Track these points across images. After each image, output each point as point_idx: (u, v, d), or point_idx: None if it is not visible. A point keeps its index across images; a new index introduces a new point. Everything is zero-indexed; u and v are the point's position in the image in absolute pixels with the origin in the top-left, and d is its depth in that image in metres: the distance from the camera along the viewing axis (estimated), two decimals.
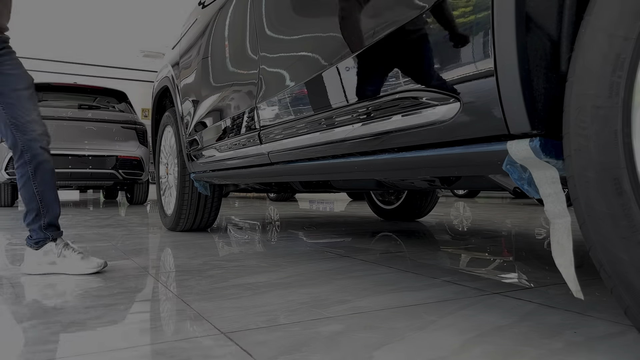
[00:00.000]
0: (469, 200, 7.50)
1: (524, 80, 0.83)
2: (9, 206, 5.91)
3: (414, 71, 1.10)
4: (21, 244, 2.41)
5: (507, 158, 0.92)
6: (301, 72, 1.56)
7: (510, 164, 0.92)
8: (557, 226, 0.84)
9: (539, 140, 0.85)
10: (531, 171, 0.90)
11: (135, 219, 4.10)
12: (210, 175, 2.55)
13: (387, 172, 1.31)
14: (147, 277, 1.59)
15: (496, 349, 0.87)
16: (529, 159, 0.87)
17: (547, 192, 0.87)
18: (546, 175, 0.87)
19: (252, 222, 3.72)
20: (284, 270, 1.66)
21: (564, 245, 0.83)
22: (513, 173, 0.92)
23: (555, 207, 0.85)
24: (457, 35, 0.96)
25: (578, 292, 0.82)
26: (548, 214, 0.86)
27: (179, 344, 0.92)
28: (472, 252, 2.07)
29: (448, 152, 1.06)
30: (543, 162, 0.86)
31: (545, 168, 0.87)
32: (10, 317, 1.11)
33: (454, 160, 1.05)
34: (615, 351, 0.86)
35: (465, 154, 1.01)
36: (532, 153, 0.85)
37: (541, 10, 0.83)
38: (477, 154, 0.99)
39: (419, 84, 1.08)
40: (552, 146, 0.86)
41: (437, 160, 1.10)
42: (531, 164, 0.88)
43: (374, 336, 0.95)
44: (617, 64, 0.68)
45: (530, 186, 0.91)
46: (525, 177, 0.91)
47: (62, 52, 12.35)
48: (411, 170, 1.22)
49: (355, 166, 1.39)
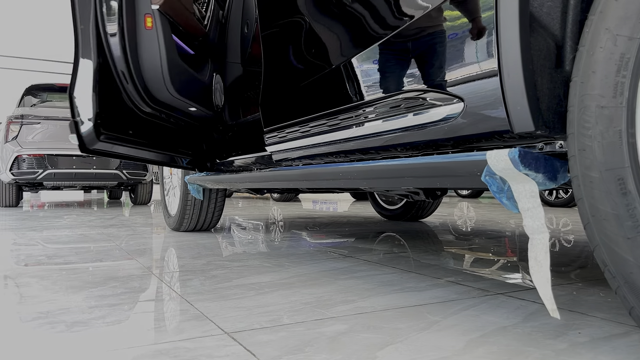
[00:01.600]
0: (473, 201, 7.49)
1: (528, 80, 0.83)
2: (13, 206, 5.94)
3: (417, 71, 1.10)
4: (26, 244, 2.42)
5: (486, 168, 0.90)
6: (303, 72, 1.56)
7: (490, 175, 0.90)
8: (535, 242, 0.82)
9: (517, 151, 0.83)
10: (510, 184, 0.88)
11: (139, 219, 4.11)
12: (204, 179, 2.54)
13: (371, 180, 1.30)
14: (151, 277, 1.59)
15: (500, 350, 0.87)
16: (507, 170, 0.85)
17: (526, 206, 0.85)
18: (525, 189, 0.85)
19: (255, 222, 3.73)
20: (288, 271, 1.66)
21: (542, 262, 0.81)
22: (492, 185, 0.90)
23: (534, 222, 0.83)
24: (461, 35, 0.96)
25: (554, 311, 0.80)
26: (526, 230, 0.84)
27: (183, 343, 0.92)
28: (475, 253, 2.07)
29: (430, 161, 1.04)
30: (522, 174, 0.84)
31: (524, 181, 0.85)
32: (15, 317, 1.12)
33: (436, 169, 1.03)
34: (619, 352, 0.85)
35: (447, 162, 1.00)
36: (510, 164, 0.84)
37: (545, 9, 0.83)
38: (458, 164, 0.97)
39: (423, 84, 1.08)
40: (531, 158, 0.84)
41: (420, 169, 1.08)
42: (510, 176, 0.86)
43: (377, 336, 0.95)
44: (621, 64, 0.68)
45: (509, 200, 0.89)
46: (504, 190, 0.89)
47: (67, 52, 12.40)
48: (394, 179, 1.20)
49: (340, 173, 1.38)
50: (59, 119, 5.72)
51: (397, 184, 1.22)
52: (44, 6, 9.87)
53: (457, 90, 0.98)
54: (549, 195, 5.91)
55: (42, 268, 1.75)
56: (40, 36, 11.04)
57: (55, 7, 9.96)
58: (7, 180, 5.57)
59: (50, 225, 3.53)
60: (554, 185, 0.88)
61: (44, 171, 5.54)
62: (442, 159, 1.01)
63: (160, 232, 3.05)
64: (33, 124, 5.60)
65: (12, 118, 5.62)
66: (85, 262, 1.87)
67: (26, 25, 10.53)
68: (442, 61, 1.02)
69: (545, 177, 0.86)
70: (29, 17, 10.20)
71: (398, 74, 1.15)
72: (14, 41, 10.83)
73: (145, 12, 1.80)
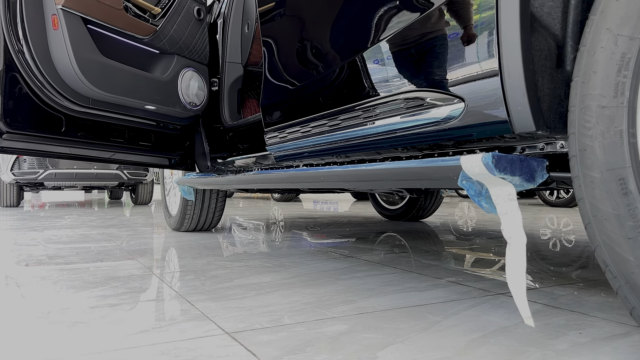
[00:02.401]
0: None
1: (529, 80, 0.83)
2: (14, 206, 5.94)
3: (418, 71, 1.10)
4: (27, 244, 2.42)
5: (461, 173, 0.89)
6: (304, 73, 1.56)
7: (466, 180, 0.89)
8: (512, 246, 0.81)
9: (491, 157, 0.82)
10: (487, 187, 0.87)
11: (140, 219, 4.12)
12: (192, 181, 2.54)
13: (354, 182, 1.30)
14: (152, 277, 1.59)
15: (501, 350, 0.87)
16: (482, 175, 0.84)
17: (503, 209, 0.84)
18: (503, 192, 0.84)
19: (256, 222, 3.73)
20: (288, 271, 1.66)
21: (518, 267, 0.80)
22: (470, 189, 0.89)
23: (511, 226, 0.82)
24: (461, 35, 0.96)
25: (528, 318, 0.79)
26: (504, 233, 0.83)
27: (184, 344, 0.92)
28: (476, 253, 2.07)
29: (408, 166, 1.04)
30: (498, 178, 0.83)
31: (501, 184, 0.84)
32: (16, 317, 1.12)
33: (413, 174, 1.03)
34: (620, 352, 0.85)
35: (424, 167, 0.99)
36: (485, 169, 0.83)
37: (546, 9, 0.83)
38: (434, 169, 0.97)
39: (423, 84, 1.08)
40: (506, 162, 0.83)
41: (399, 174, 1.08)
42: (486, 180, 0.86)
43: (378, 336, 0.95)
44: (622, 64, 0.68)
45: (488, 203, 0.88)
46: (482, 193, 0.88)
47: None
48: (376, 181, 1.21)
49: (321, 177, 1.38)
50: None
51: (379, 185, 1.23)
52: None
53: (458, 90, 0.98)
54: (550, 195, 5.91)
55: (43, 268, 1.75)
56: None
57: None
58: (8, 180, 5.58)
59: (51, 225, 3.53)
60: (532, 185, 0.88)
61: (44, 171, 5.54)
62: (420, 164, 1.01)
63: (161, 232, 3.05)
64: None
65: None
66: (86, 262, 1.87)
67: None
68: (443, 61, 1.02)
69: (523, 179, 0.85)
70: None
71: (398, 74, 1.15)
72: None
73: (51, 13, 1.84)
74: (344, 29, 1.36)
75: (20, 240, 2.60)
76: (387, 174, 1.12)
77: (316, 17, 1.53)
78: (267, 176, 1.75)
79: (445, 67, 1.01)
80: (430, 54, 1.06)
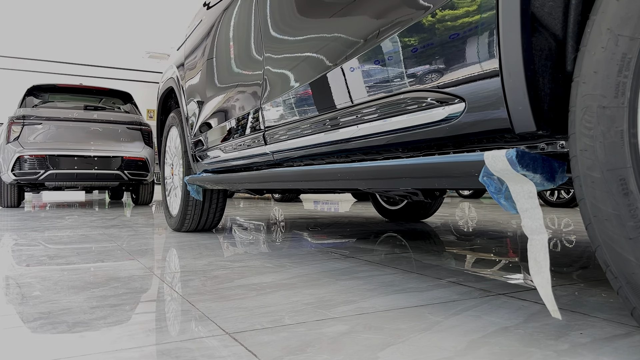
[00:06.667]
0: (474, 201, 7.48)
1: (529, 80, 0.83)
2: (15, 207, 5.95)
3: (419, 71, 1.10)
4: (28, 245, 2.42)
5: (483, 169, 0.89)
6: (306, 73, 1.56)
7: (487, 176, 0.89)
8: (534, 243, 0.82)
9: (515, 152, 0.83)
10: (508, 184, 0.87)
11: (141, 219, 4.12)
12: (203, 179, 2.54)
13: (370, 180, 1.29)
14: (153, 277, 1.59)
15: (502, 350, 0.87)
16: (505, 171, 0.85)
17: (524, 207, 0.85)
18: (523, 190, 0.85)
19: (256, 222, 3.73)
20: (289, 271, 1.66)
21: (541, 263, 0.81)
22: (490, 185, 0.89)
23: (532, 223, 0.83)
24: (462, 35, 0.96)
25: (555, 312, 0.80)
26: (525, 230, 0.84)
27: (184, 344, 0.92)
28: (477, 253, 2.07)
29: (427, 162, 1.04)
30: (520, 175, 0.84)
31: (522, 182, 0.85)
32: (16, 318, 1.12)
33: (433, 170, 1.03)
34: (621, 353, 0.85)
35: (445, 163, 0.99)
36: (508, 164, 0.83)
37: (546, 9, 0.82)
38: (456, 164, 0.97)
39: (424, 84, 1.08)
40: (529, 158, 0.83)
41: (418, 170, 1.07)
42: (508, 177, 0.86)
43: (378, 337, 0.95)
44: (623, 64, 0.68)
45: (507, 201, 0.88)
46: (502, 191, 0.88)
47: (68, 53, 12.42)
48: (393, 179, 1.20)
49: (338, 174, 1.37)
50: (61, 119, 5.73)
51: (395, 184, 1.21)
52: (45, 6, 9.89)
53: (459, 90, 0.98)
54: (551, 196, 5.91)
55: (44, 268, 1.75)
56: (41, 36, 11.06)
57: (55, 7, 9.98)
58: (9, 180, 5.59)
59: (52, 225, 3.53)
60: (552, 185, 0.88)
61: (45, 172, 5.55)
62: (440, 160, 1.00)
63: (161, 232, 3.05)
64: (35, 124, 5.61)
65: (14, 119, 5.63)
66: (86, 263, 1.87)
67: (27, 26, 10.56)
68: (443, 61, 1.02)
69: (543, 178, 0.86)
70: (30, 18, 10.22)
71: (399, 74, 1.15)
72: (15, 41, 10.86)
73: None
74: (345, 29, 1.36)
75: (21, 241, 2.60)
76: (407, 171, 1.10)
77: (315, 15, 1.53)
78: (281, 173, 1.74)
79: (445, 67, 1.01)
80: (429, 54, 1.06)
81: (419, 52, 1.09)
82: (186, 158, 2.90)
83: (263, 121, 1.89)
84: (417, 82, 1.10)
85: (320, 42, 1.49)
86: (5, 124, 5.77)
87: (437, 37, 1.03)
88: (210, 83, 2.47)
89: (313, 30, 1.54)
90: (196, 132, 2.70)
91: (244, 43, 2.05)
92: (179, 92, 2.99)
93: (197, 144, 2.71)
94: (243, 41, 2.07)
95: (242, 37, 2.08)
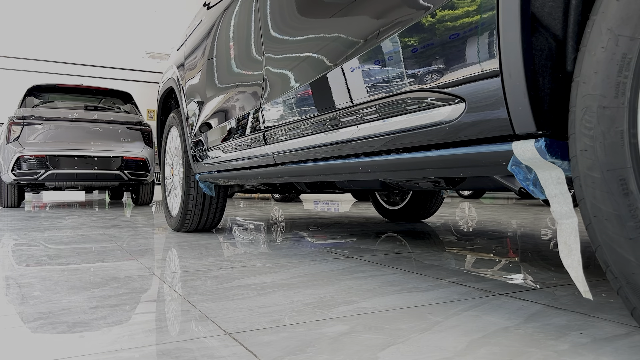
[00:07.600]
0: (474, 201, 7.48)
1: (530, 81, 0.83)
2: (15, 207, 5.95)
3: (419, 72, 1.10)
4: (28, 245, 2.42)
5: (512, 158, 0.91)
6: (306, 73, 1.56)
7: (516, 165, 0.92)
8: (564, 227, 0.84)
9: (544, 141, 0.85)
10: (536, 172, 0.89)
11: (141, 219, 4.12)
12: (216, 176, 2.56)
13: (392, 172, 1.31)
14: (153, 277, 1.59)
15: (502, 350, 0.87)
16: (534, 160, 0.87)
17: (553, 192, 0.87)
18: (552, 176, 0.87)
19: (257, 222, 3.73)
20: (289, 271, 1.66)
21: (572, 246, 0.82)
22: (518, 174, 0.92)
23: (562, 207, 0.85)
24: (462, 35, 0.96)
25: (587, 292, 0.81)
26: (555, 215, 0.86)
27: (184, 344, 0.92)
28: (477, 253, 2.07)
29: (454, 153, 1.06)
30: (548, 162, 0.85)
31: (550, 169, 0.87)
32: (17, 318, 1.12)
33: (459, 161, 1.05)
34: (621, 353, 0.85)
35: (471, 154, 1.01)
36: (537, 154, 0.85)
37: (546, 10, 0.82)
38: (483, 155, 0.99)
39: (424, 85, 1.08)
40: (557, 147, 0.85)
41: (443, 161, 1.10)
42: (536, 165, 0.88)
43: (379, 337, 0.95)
44: (623, 64, 0.68)
45: (536, 187, 0.91)
46: (530, 178, 0.91)
47: (68, 53, 12.43)
48: (416, 170, 1.22)
49: (360, 167, 1.39)
50: (61, 119, 5.74)
51: (419, 174, 1.25)
52: (45, 6, 9.89)
53: (459, 90, 0.98)
54: None
55: (44, 268, 1.75)
56: (41, 36, 11.06)
57: (56, 7, 9.98)
58: (9, 180, 5.59)
59: (52, 225, 3.53)
60: None
61: (45, 172, 5.55)
62: (470, 150, 1.02)
63: (161, 232, 3.05)
64: (35, 124, 5.61)
65: (14, 119, 5.64)
66: (86, 263, 1.87)
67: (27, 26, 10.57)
68: (443, 61, 1.02)
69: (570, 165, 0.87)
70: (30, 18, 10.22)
71: (399, 74, 1.15)
72: (15, 41, 10.87)
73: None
74: (345, 29, 1.36)
75: (21, 241, 2.60)
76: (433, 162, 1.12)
77: (316, 15, 1.53)
78: (298, 168, 1.73)
79: (445, 67, 1.01)
80: (429, 54, 1.06)
81: (419, 52, 1.09)
82: (186, 158, 2.90)
83: (263, 121, 1.89)
84: (417, 82, 1.10)
85: (320, 42, 1.49)
86: (5, 124, 5.78)
87: (437, 37, 1.03)
88: (210, 83, 2.47)
89: (313, 31, 1.54)
90: (196, 132, 2.70)
91: (244, 43, 2.05)
92: (179, 92, 2.99)
93: (197, 144, 2.71)
94: (243, 41, 2.07)
95: (242, 37, 2.08)
